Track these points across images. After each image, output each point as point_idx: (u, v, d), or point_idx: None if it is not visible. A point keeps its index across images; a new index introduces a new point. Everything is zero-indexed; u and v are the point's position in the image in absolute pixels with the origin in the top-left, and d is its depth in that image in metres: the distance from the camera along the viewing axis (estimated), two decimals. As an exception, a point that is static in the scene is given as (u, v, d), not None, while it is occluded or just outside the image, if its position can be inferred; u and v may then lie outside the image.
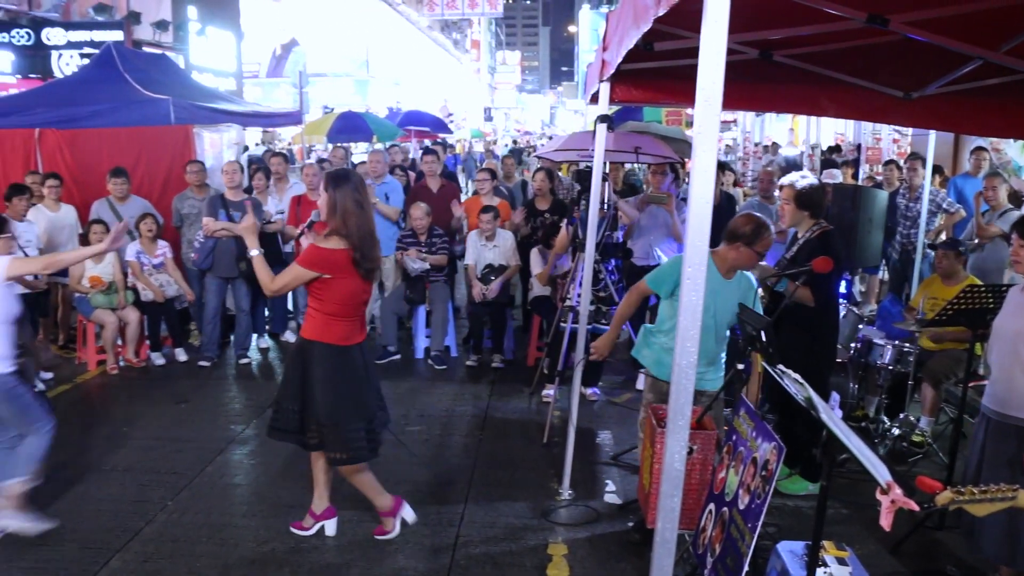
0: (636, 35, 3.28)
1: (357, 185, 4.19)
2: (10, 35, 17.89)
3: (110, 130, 9.26)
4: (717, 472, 3.97)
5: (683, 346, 2.18)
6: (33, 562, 4.46)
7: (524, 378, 7.48)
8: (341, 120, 17.00)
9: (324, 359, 4.26)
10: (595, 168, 4.91)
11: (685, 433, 2.24)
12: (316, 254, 4.13)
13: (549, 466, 5.65)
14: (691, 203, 2.11)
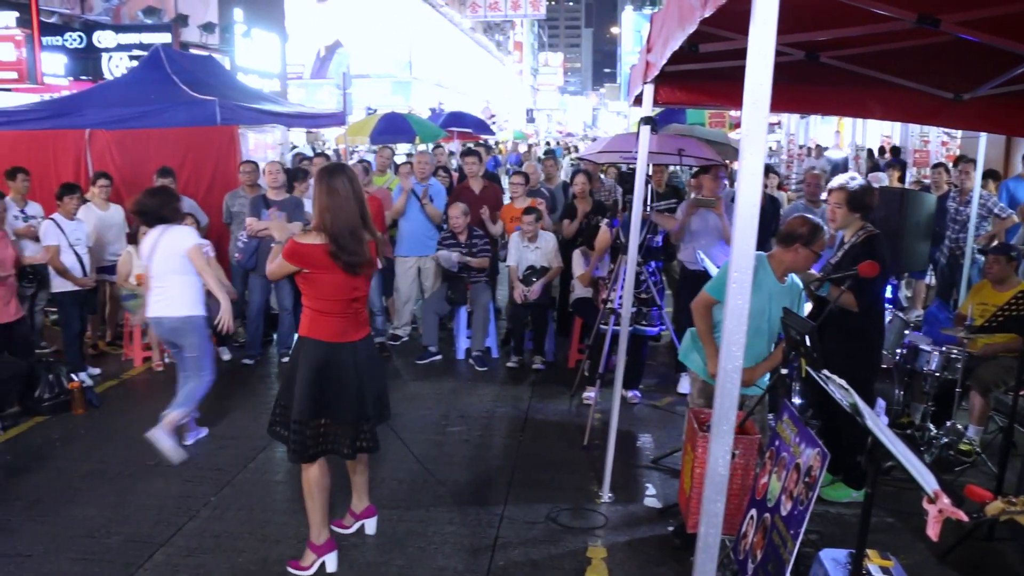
0: (681, 37, 3.25)
1: (344, 179, 4.09)
2: (63, 38, 18.23)
3: (158, 130, 9.40)
4: (759, 477, 3.93)
5: (728, 350, 2.16)
6: (80, 553, 4.54)
7: (565, 380, 7.47)
8: (384, 121, 17.10)
9: (308, 354, 4.18)
10: (639, 170, 4.89)
11: (729, 438, 2.22)
12: (292, 248, 4.07)
13: (589, 469, 5.64)
14: (738, 206, 2.09)
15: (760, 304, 4.52)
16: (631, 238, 4.97)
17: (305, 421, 4.18)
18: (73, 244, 7.47)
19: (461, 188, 9.09)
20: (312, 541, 4.36)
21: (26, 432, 6.46)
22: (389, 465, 5.72)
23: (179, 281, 5.87)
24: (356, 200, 4.08)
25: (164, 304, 5.86)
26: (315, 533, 4.36)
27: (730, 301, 2.13)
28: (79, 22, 18.92)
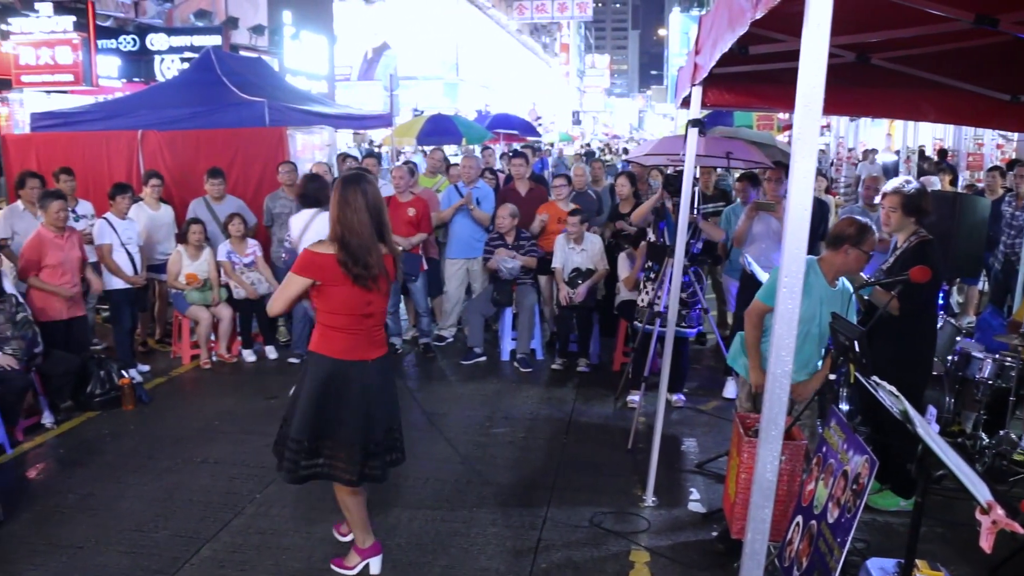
0: (731, 39, 3.23)
1: (360, 190, 3.91)
2: (118, 41, 18.58)
3: (207, 131, 9.53)
4: (805, 484, 3.88)
5: (778, 355, 2.14)
6: (129, 546, 4.62)
7: (609, 383, 7.44)
8: (431, 123, 17.17)
9: (314, 370, 4.03)
10: (686, 173, 4.86)
11: (778, 444, 2.20)
12: (305, 258, 3.93)
13: (633, 472, 5.61)
14: (789, 210, 2.07)
15: (811, 309, 4.47)
16: (678, 241, 4.93)
17: (301, 440, 4.01)
18: (125, 243, 7.60)
19: (507, 190, 9.10)
20: (357, 545, 4.35)
21: (78, 426, 6.59)
22: (433, 465, 5.75)
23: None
24: (372, 211, 3.91)
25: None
26: (360, 538, 4.34)
27: (780, 306, 2.11)
28: (133, 25, 19.28)
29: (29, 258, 6.73)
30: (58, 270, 6.77)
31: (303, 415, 4.00)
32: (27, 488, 5.51)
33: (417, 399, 7.23)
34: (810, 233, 3.52)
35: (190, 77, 11.37)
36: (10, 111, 16.85)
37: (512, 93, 51.36)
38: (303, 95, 12.87)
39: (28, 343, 6.27)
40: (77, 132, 10.06)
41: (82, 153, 9.53)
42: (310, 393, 4.00)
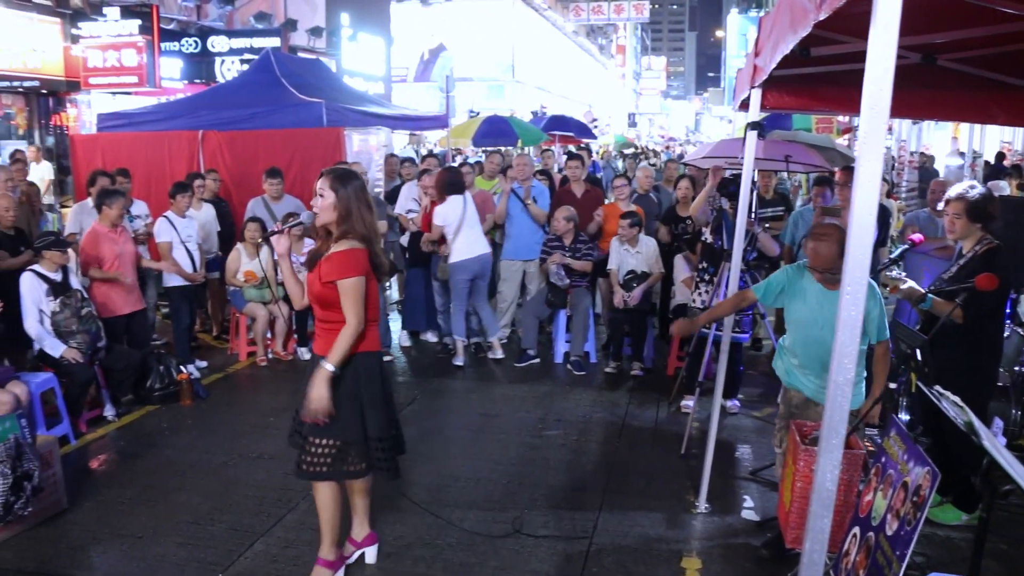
0: (793, 40, 3.17)
1: (363, 186, 3.96)
2: (180, 44, 18.94)
3: (266, 131, 9.66)
4: (863, 494, 3.80)
5: (840, 362, 2.09)
6: (186, 538, 4.70)
7: (663, 387, 7.39)
8: (487, 124, 17.23)
9: (371, 369, 3.98)
10: (744, 176, 4.80)
11: (838, 452, 2.15)
12: (358, 257, 3.81)
13: (686, 478, 5.56)
14: (853, 214, 2.03)
15: (806, 312, 4.46)
16: (735, 245, 4.88)
17: (383, 438, 4.03)
18: (184, 241, 7.74)
19: (563, 192, 9.08)
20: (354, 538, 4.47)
21: (138, 420, 6.73)
22: (485, 465, 5.75)
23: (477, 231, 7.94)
24: (371, 207, 3.98)
25: (477, 246, 7.97)
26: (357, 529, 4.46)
27: (843, 312, 2.07)
28: (195, 28, 19.67)
29: (88, 253, 6.90)
30: (115, 263, 6.93)
31: (381, 413, 3.99)
32: (90, 478, 5.64)
33: (471, 399, 7.25)
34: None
35: (250, 78, 11.55)
36: (78, 112, 17.29)
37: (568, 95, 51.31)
38: (360, 96, 13.00)
39: (92, 337, 6.41)
40: (140, 132, 10.29)
41: (144, 152, 9.74)
42: (379, 394, 3.99)
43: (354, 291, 3.79)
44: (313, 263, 3.92)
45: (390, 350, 8.50)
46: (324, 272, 3.81)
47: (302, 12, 22.73)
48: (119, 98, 17.05)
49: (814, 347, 4.41)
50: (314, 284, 3.87)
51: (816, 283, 4.42)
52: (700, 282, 6.90)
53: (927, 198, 8.59)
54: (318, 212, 3.86)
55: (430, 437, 6.41)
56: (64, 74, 16.63)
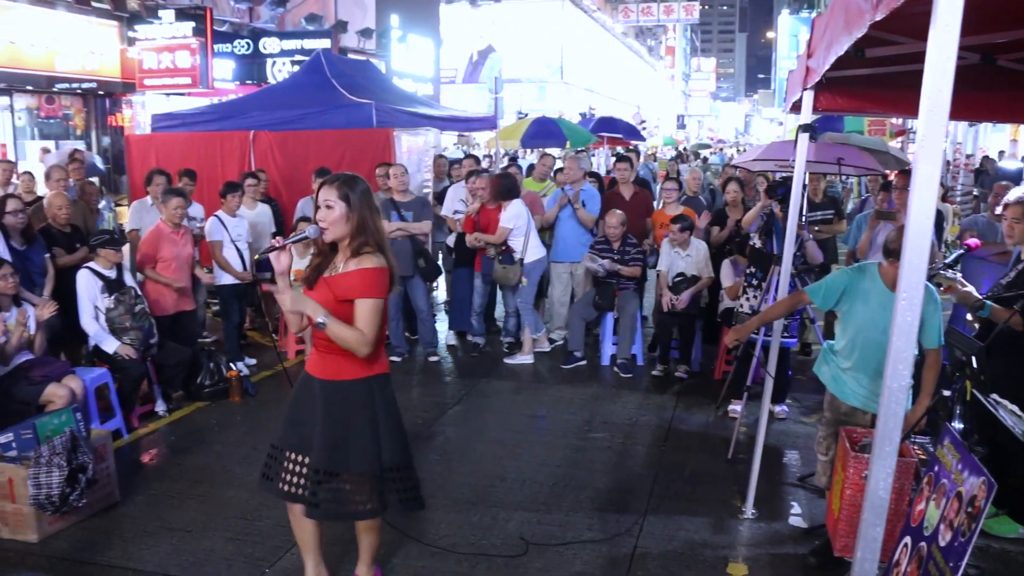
0: (847, 41, 3.13)
1: (368, 186, 3.59)
2: (232, 45, 19.22)
3: (316, 132, 9.76)
4: (915, 503, 3.73)
5: (895, 368, 2.06)
6: (235, 533, 4.76)
7: (710, 391, 7.33)
8: (535, 125, 17.21)
9: (382, 392, 3.67)
10: (795, 179, 4.75)
11: (892, 460, 2.12)
12: (384, 277, 3.51)
13: (732, 483, 5.50)
14: (910, 218, 1.99)
15: (869, 315, 4.38)
16: (785, 248, 4.82)
17: (403, 467, 3.71)
18: (235, 240, 7.84)
19: (611, 194, 9.05)
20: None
21: (188, 416, 6.83)
22: (530, 467, 5.75)
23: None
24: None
25: (541, 247, 8.20)
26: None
27: (898, 317, 2.04)
28: (247, 30, 19.94)
29: (146, 252, 7.01)
30: (171, 264, 7.03)
31: (400, 438, 3.72)
32: (141, 472, 5.75)
33: (517, 400, 7.26)
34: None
35: (300, 79, 11.68)
36: (133, 113, 17.64)
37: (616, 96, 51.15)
38: (409, 97, 13.08)
39: (145, 334, 6.52)
40: (193, 132, 10.46)
41: (197, 152, 9.89)
42: (395, 416, 3.71)
43: (376, 312, 3.48)
44: (314, 280, 3.57)
45: (437, 350, 8.53)
46: (343, 289, 3.46)
47: (352, 14, 22.93)
48: (173, 99, 17.37)
49: (870, 350, 4.35)
50: (325, 302, 3.46)
51: (880, 284, 4.36)
52: (748, 287, 6.83)
53: (988, 201, 8.41)
54: (327, 226, 3.44)
55: (476, 437, 6.43)
56: (120, 76, 16.99)
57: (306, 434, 3.65)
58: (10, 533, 4.74)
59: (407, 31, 25.32)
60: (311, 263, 3.63)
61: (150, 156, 9.98)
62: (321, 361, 3.64)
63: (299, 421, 3.69)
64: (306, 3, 21.69)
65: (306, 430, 3.65)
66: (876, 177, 9.36)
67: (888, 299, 4.33)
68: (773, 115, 77.40)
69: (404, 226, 7.97)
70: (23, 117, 15.90)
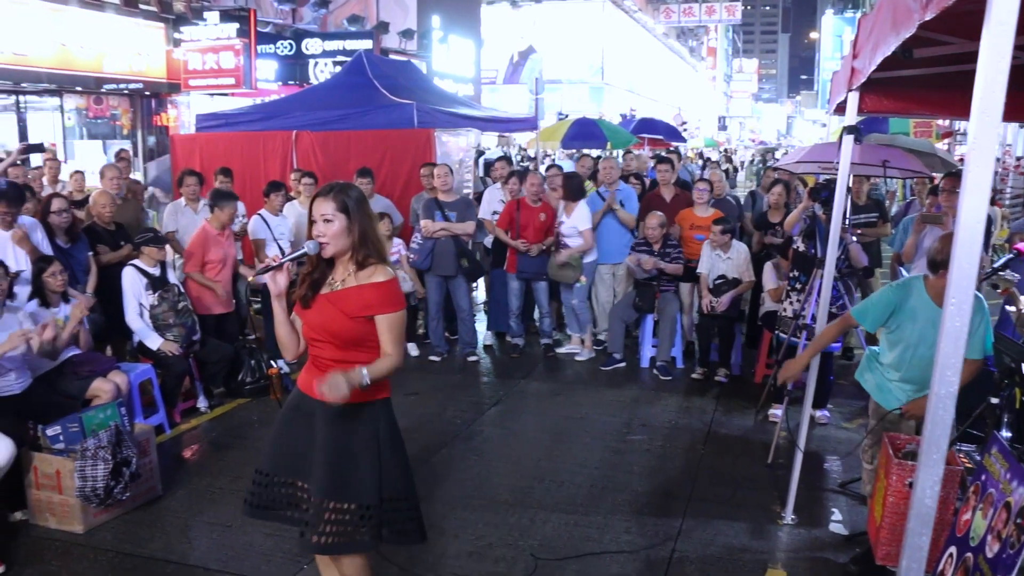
0: (895, 42, 3.08)
1: (362, 192, 3.35)
2: (275, 46, 19.40)
3: (358, 132, 9.81)
4: (960, 513, 3.67)
5: (942, 375, 2.02)
6: (273, 529, 4.76)
7: (750, 395, 7.26)
8: (576, 127, 17.18)
9: (388, 417, 3.38)
10: (839, 181, 4.69)
11: (939, 468, 2.08)
12: (398, 288, 3.29)
13: (772, 488, 5.45)
14: (960, 222, 1.96)
15: (917, 332, 4.36)
16: (828, 252, 4.76)
17: (407, 497, 3.38)
18: (277, 238, 7.90)
19: (652, 196, 9.00)
20: None
21: (230, 412, 6.91)
22: (568, 468, 5.74)
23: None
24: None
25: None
26: None
27: (947, 323, 2.00)
28: (290, 31, 20.14)
29: (193, 252, 7.09)
30: (218, 265, 7.10)
31: (403, 466, 3.39)
32: (183, 467, 5.82)
33: (555, 402, 7.25)
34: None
35: (342, 80, 11.75)
36: (178, 113, 17.88)
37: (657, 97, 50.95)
38: (450, 98, 13.11)
39: (188, 331, 6.60)
40: (236, 132, 10.56)
41: (240, 152, 10.00)
42: (398, 442, 3.39)
43: (402, 324, 3.27)
44: (310, 298, 3.29)
45: (476, 350, 8.54)
46: (356, 306, 3.20)
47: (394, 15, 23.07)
48: (216, 99, 17.58)
49: (919, 367, 4.33)
50: (333, 320, 3.23)
51: (927, 299, 4.30)
52: (791, 290, 6.76)
53: None
54: (328, 241, 3.19)
55: (514, 438, 6.43)
56: (166, 76, 17.23)
57: (300, 459, 3.34)
58: (57, 523, 4.83)
59: (448, 32, 25.41)
60: (304, 280, 3.32)
61: (194, 155, 10.10)
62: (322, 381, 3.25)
63: (291, 445, 3.38)
64: (348, 4, 21.85)
65: (300, 455, 3.34)
66: (922, 180, 9.22)
67: (936, 315, 4.27)
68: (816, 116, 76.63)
69: (448, 226, 8.00)
70: (72, 117, 16.19)
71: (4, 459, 4.60)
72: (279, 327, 3.40)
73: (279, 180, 8.51)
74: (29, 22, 14.24)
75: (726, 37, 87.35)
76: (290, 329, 3.40)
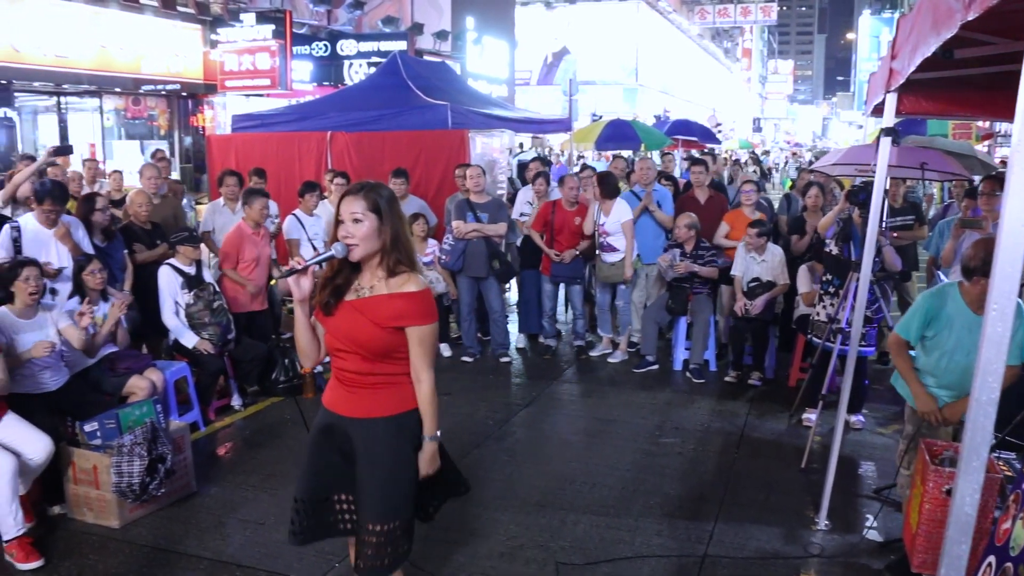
0: (935, 42, 3.04)
1: (393, 192, 3.15)
2: (310, 47, 19.54)
3: (392, 133, 9.85)
4: (1000, 522, 3.61)
5: (983, 381, 1.99)
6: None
7: (784, 398, 7.20)
8: (610, 128, 17.15)
9: (415, 433, 3.21)
10: (876, 184, 4.63)
11: (980, 475, 2.05)
12: (431, 298, 3.12)
13: (805, 493, 5.40)
14: (1003, 225, 1.93)
15: (954, 339, 4.32)
16: (864, 255, 4.71)
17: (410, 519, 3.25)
18: (311, 238, 7.96)
19: (686, 198, 8.95)
20: None
21: (263, 410, 6.96)
22: (600, 470, 5.72)
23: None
24: None
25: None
26: None
27: (988, 328, 1.97)
28: (325, 32, 20.29)
29: (228, 251, 7.15)
30: (251, 264, 7.16)
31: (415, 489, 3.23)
32: (217, 464, 5.88)
33: (587, 403, 7.23)
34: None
35: (377, 81, 11.82)
36: (214, 113, 18.07)
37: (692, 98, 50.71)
38: (484, 99, 13.13)
39: (223, 329, 6.65)
40: (272, 133, 10.65)
41: (276, 152, 10.08)
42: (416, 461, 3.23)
43: (433, 340, 3.12)
44: (334, 305, 3.08)
45: (508, 351, 8.54)
46: (388, 316, 3.01)
47: (428, 16, 23.15)
48: (252, 100, 17.74)
49: (957, 373, 4.28)
50: (360, 329, 3.02)
51: (963, 306, 4.26)
52: (824, 294, 6.69)
53: None
54: (357, 243, 2.98)
55: (545, 439, 6.43)
56: (203, 77, 17.43)
57: (337, 474, 3.18)
58: (94, 518, 4.90)
59: (482, 33, 25.46)
60: (325, 285, 3.11)
61: (230, 156, 10.20)
62: (350, 397, 3.14)
63: (326, 465, 3.21)
64: (383, 6, 21.97)
65: (336, 470, 3.18)
66: (961, 182, 9.09)
67: (972, 321, 4.22)
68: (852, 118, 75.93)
69: (480, 227, 8.01)
70: (111, 118, 16.42)
71: (42, 455, 4.68)
72: (299, 333, 3.18)
73: (314, 180, 8.55)
74: (70, 24, 14.47)
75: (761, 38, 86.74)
76: (311, 336, 3.19)
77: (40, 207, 6.08)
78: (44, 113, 15.56)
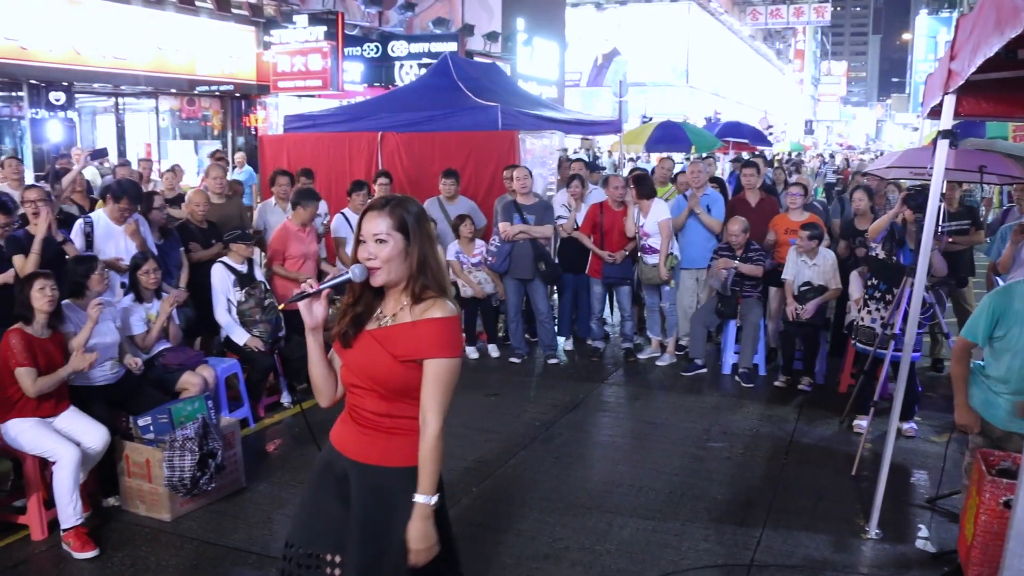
0: (999, 42, 2.97)
1: (423, 208, 2.75)
2: (362, 48, 19.72)
3: (443, 134, 9.87)
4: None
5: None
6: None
7: (834, 405, 7.08)
8: (660, 130, 17.04)
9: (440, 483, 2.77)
10: (933, 188, 4.54)
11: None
12: (458, 329, 2.70)
13: (856, 500, 5.31)
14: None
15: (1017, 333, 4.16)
16: (919, 260, 4.63)
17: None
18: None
19: (736, 200, 8.86)
20: None
21: (311, 408, 7.00)
22: (647, 474, 5.69)
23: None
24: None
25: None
26: None
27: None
28: (376, 33, 20.46)
29: (276, 248, 7.24)
30: (299, 261, 7.24)
31: (453, 553, 2.86)
32: (266, 460, 5.96)
33: (635, 406, 7.20)
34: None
35: (428, 82, 11.85)
36: (266, 114, 18.32)
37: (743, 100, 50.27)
38: (534, 100, 13.12)
39: (273, 327, 6.73)
40: (323, 133, 10.74)
41: (327, 152, 10.17)
42: (444, 518, 2.81)
43: (455, 375, 2.64)
44: (353, 335, 2.72)
45: (556, 353, 8.52)
46: (407, 347, 2.62)
47: (479, 17, 23.24)
48: (304, 100, 17.94)
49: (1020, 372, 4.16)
50: (377, 363, 2.65)
51: None
52: (868, 299, 6.57)
53: None
54: (379, 265, 2.60)
55: (592, 442, 6.41)
56: (256, 78, 17.68)
57: (333, 528, 2.76)
58: (146, 511, 4.99)
59: (533, 34, 25.48)
60: (344, 313, 2.76)
61: (282, 156, 10.30)
62: (361, 439, 2.74)
63: (323, 512, 2.81)
64: (434, 7, 22.10)
65: (333, 522, 2.76)
66: (1021, 186, 8.89)
67: None
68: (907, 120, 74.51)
69: (526, 229, 8.01)
70: (166, 118, 16.72)
71: (100, 445, 4.79)
72: (313, 368, 2.83)
73: (363, 180, 8.61)
74: (128, 27, 14.76)
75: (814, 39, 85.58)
76: (327, 371, 2.86)
77: (116, 204, 6.27)
78: (103, 114, 15.91)
